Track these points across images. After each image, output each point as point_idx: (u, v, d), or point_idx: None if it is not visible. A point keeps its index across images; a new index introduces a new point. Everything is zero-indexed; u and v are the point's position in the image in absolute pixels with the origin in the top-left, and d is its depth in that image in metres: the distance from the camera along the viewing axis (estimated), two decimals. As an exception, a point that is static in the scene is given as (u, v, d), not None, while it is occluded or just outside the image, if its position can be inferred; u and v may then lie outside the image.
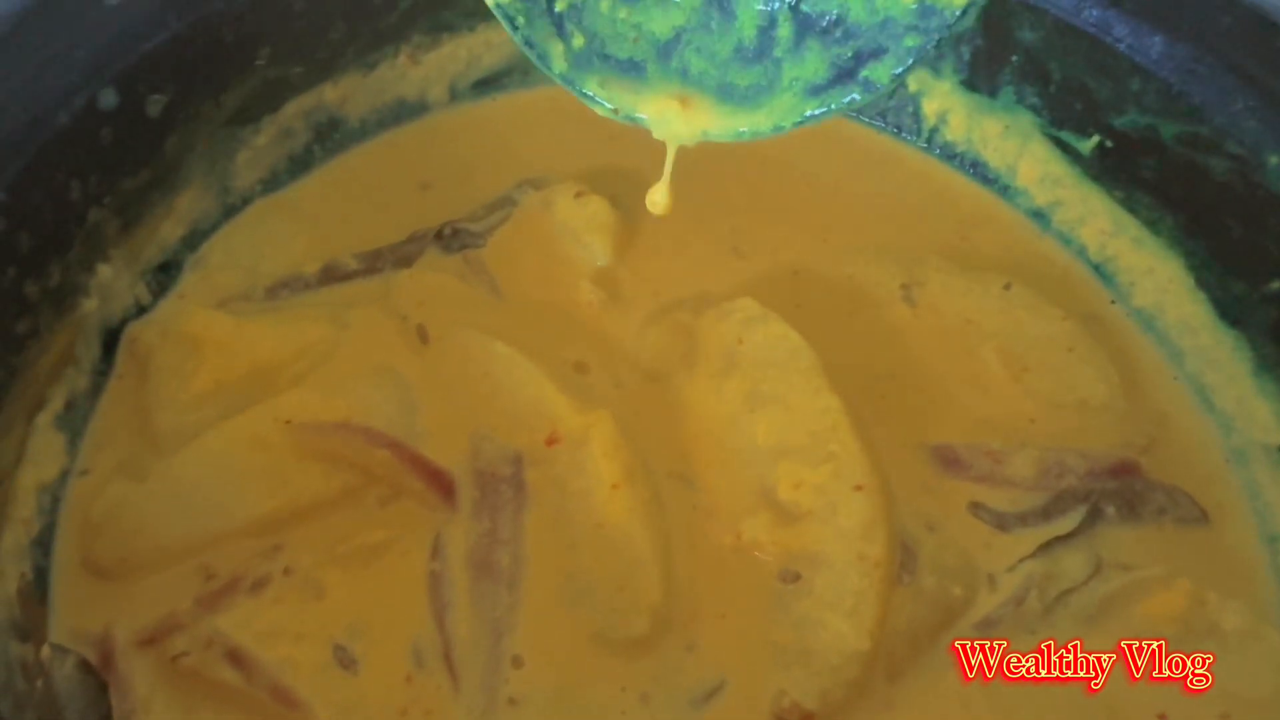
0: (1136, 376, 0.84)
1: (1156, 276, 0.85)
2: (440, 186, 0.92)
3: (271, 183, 0.92)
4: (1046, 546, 0.74)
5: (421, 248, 0.88)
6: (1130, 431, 0.80)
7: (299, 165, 0.93)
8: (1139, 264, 0.86)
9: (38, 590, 0.71)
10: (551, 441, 0.76)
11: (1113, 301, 0.87)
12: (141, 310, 0.84)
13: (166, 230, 0.86)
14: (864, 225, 0.90)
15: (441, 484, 0.75)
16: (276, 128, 0.90)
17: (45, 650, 0.66)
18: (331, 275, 0.86)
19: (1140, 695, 0.70)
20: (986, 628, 0.71)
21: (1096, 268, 0.89)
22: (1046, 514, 0.75)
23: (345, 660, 0.69)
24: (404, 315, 0.83)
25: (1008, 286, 0.84)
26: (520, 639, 0.70)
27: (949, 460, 0.78)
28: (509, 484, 0.76)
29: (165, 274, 0.86)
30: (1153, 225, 0.85)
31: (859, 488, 0.72)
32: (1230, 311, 0.81)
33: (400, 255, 0.87)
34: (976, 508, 0.76)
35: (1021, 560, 0.73)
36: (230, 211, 0.90)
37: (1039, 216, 0.92)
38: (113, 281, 0.81)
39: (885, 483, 0.73)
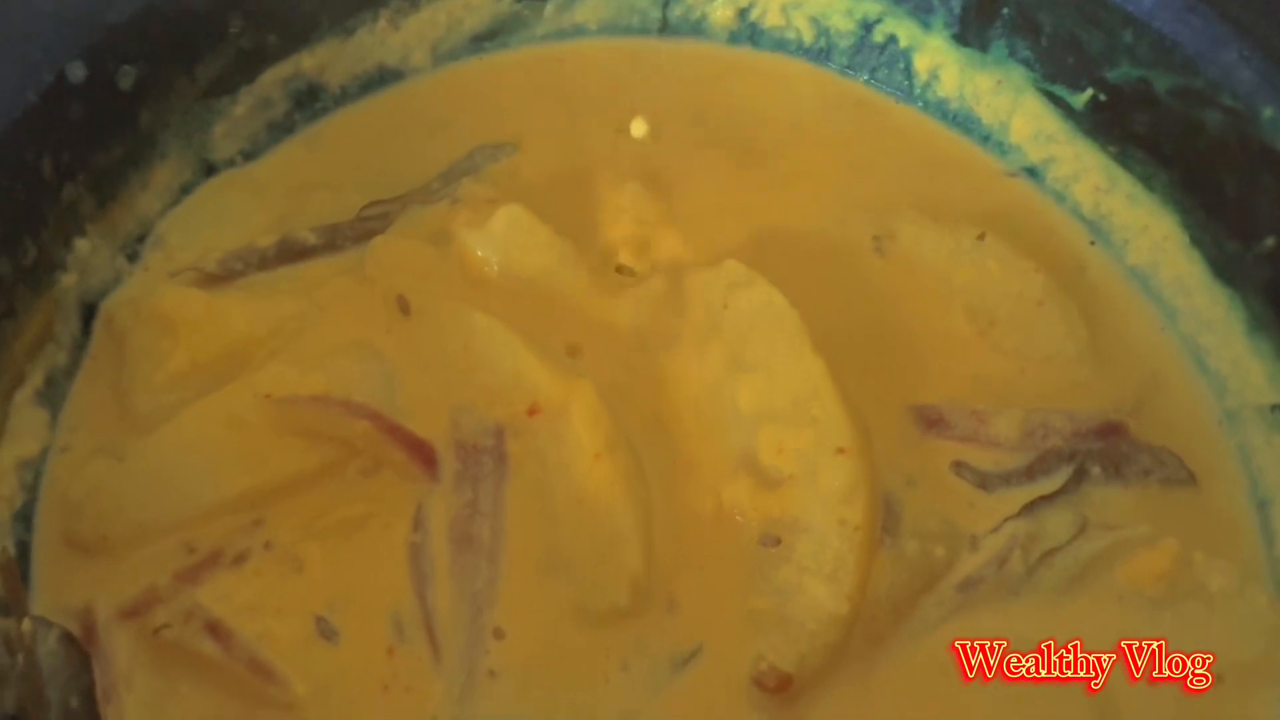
0: (1128, 336, 0.85)
1: (1151, 234, 0.86)
2: (408, 153, 0.93)
3: (252, 152, 0.93)
4: (1030, 506, 0.75)
5: (387, 222, 0.89)
6: (1119, 392, 0.81)
7: (280, 134, 0.94)
8: (1133, 221, 0.87)
9: (20, 565, 0.74)
10: (533, 412, 0.78)
11: (1099, 251, 0.88)
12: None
13: (145, 203, 0.87)
14: (838, 178, 0.91)
15: (423, 455, 0.77)
16: (254, 98, 0.91)
17: (27, 624, 0.69)
18: (289, 249, 0.87)
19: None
20: (968, 588, 0.73)
21: (1090, 225, 0.89)
22: (1030, 474, 0.77)
23: (326, 632, 0.71)
24: (381, 286, 0.84)
25: (981, 238, 0.85)
26: (501, 611, 0.72)
27: (932, 420, 0.79)
28: (490, 455, 0.77)
29: (144, 246, 0.87)
30: (1147, 181, 0.86)
31: (841, 451, 0.73)
32: (1224, 270, 0.82)
33: (361, 230, 0.88)
34: (959, 467, 0.77)
35: (1005, 520, 0.75)
36: (212, 182, 0.92)
37: (1032, 174, 0.92)
38: (91, 256, 0.83)
39: (868, 446, 0.75)
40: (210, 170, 0.91)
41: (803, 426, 0.75)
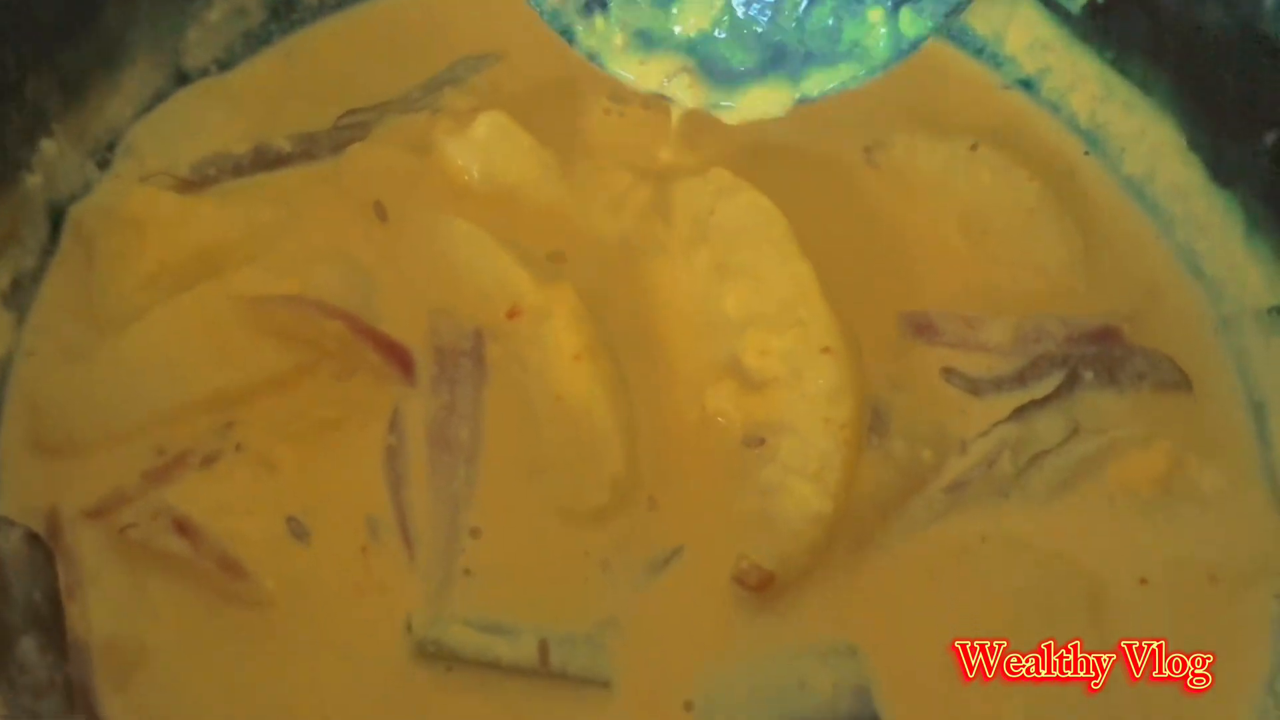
0: (1123, 245, 0.84)
1: (1148, 140, 0.85)
2: (389, 65, 0.91)
3: (227, 62, 0.91)
4: (1021, 410, 0.74)
5: (365, 131, 0.87)
6: (1114, 299, 0.80)
7: (257, 44, 0.92)
8: (1130, 129, 0.86)
9: (-16, 467, 0.72)
10: (513, 315, 0.77)
11: (1095, 161, 0.87)
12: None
13: (115, 108, 0.85)
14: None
15: (399, 358, 0.76)
16: (229, 4, 0.89)
17: (-11, 524, 0.67)
18: (264, 157, 0.85)
19: (1119, 558, 0.71)
20: (956, 491, 0.72)
21: (1086, 136, 0.87)
22: (1022, 379, 0.76)
23: (298, 532, 0.70)
24: (358, 194, 0.83)
25: (974, 148, 0.83)
26: (478, 511, 0.72)
27: (922, 326, 0.78)
28: (468, 358, 0.76)
29: (115, 154, 0.85)
30: (1145, 87, 0.84)
31: (826, 350, 0.73)
32: (1223, 172, 0.81)
33: (338, 139, 0.86)
34: (949, 373, 0.77)
35: (995, 425, 0.74)
36: (186, 90, 0.90)
37: (1027, 85, 0.90)
38: (58, 160, 0.81)
39: (854, 346, 0.74)
40: (184, 79, 0.89)
41: (788, 328, 0.74)
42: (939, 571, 0.70)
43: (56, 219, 0.82)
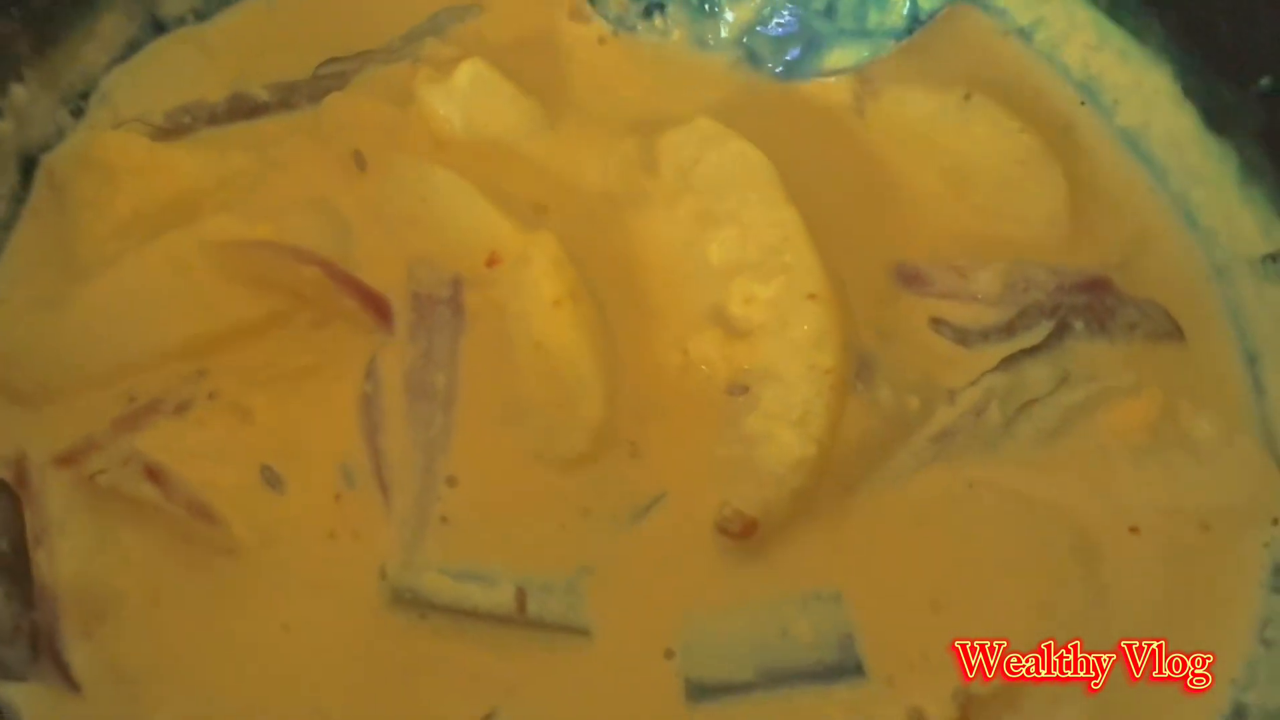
0: (1117, 196, 0.82)
1: (1143, 90, 0.84)
2: (370, 15, 0.89)
3: (205, 12, 0.89)
4: (1011, 360, 0.73)
5: (345, 80, 0.85)
6: (1107, 250, 0.79)
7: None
8: (1124, 79, 0.85)
9: (-48, 414, 0.71)
10: (492, 263, 0.75)
11: (1089, 112, 0.85)
12: (65, 141, 0.82)
13: (89, 55, 0.84)
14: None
15: (376, 306, 0.75)
16: (207, -49, 0.87)
17: (-46, 470, 0.66)
18: (241, 106, 0.84)
19: (1110, 507, 0.70)
20: (944, 440, 0.71)
21: (1080, 87, 0.86)
22: (1011, 329, 0.75)
23: (272, 480, 0.69)
24: (337, 143, 0.81)
25: (967, 97, 0.82)
26: (455, 459, 0.70)
27: (911, 276, 0.77)
28: (447, 306, 0.75)
29: (89, 102, 0.84)
30: (1139, 34, 0.83)
31: (812, 297, 0.71)
32: (1217, 119, 0.80)
33: (318, 89, 0.84)
34: (938, 323, 0.75)
35: (984, 374, 0.72)
36: (163, 39, 0.88)
37: (1022, 35, 0.88)
38: (29, 106, 0.80)
39: (840, 292, 0.73)
40: (160, 27, 0.87)
41: (774, 275, 0.73)
42: (925, 519, 0.69)
43: (28, 167, 0.80)
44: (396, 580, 0.66)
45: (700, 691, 0.65)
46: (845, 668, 0.65)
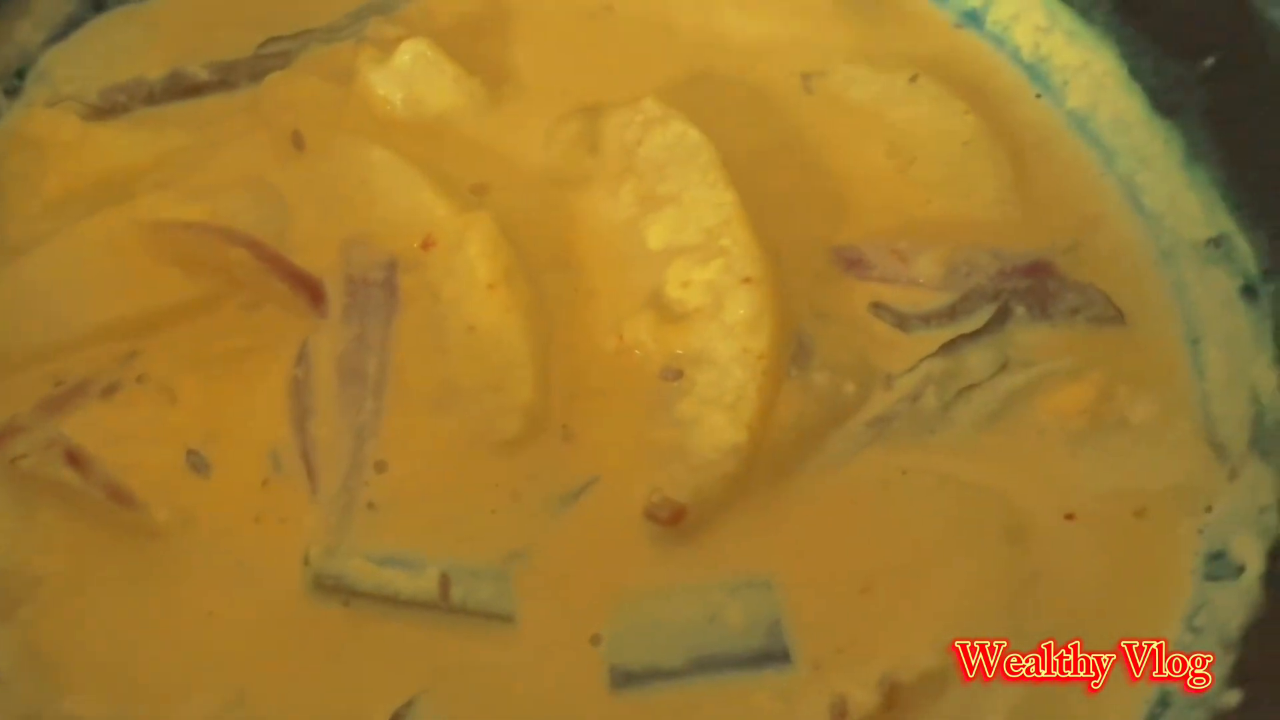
0: (1064, 178, 0.81)
1: (1090, 71, 0.83)
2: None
3: (147, -14, 0.88)
4: (950, 345, 0.72)
5: (287, 60, 0.84)
6: (1053, 232, 0.78)
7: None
8: (1072, 60, 0.84)
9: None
10: (427, 245, 0.74)
11: (1038, 96, 0.84)
12: (1, 121, 0.81)
13: (24, 32, 0.83)
14: (773, 19, 0.86)
15: (309, 288, 0.74)
16: (146, -75, 0.86)
17: None
18: (179, 85, 0.83)
19: (1046, 493, 0.69)
20: (880, 425, 0.70)
21: (1030, 69, 0.85)
22: (952, 314, 0.74)
23: (197, 464, 0.68)
24: (277, 123, 0.80)
25: (914, 79, 0.81)
26: (384, 444, 0.69)
27: (852, 260, 0.76)
28: (380, 289, 0.74)
29: (26, 81, 0.83)
30: (1086, 14, 0.82)
31: (747, 280, 0.71)
32: (1164, 100, 0.79)
33: (259, 68, 0.84)
34: (878, 308, 0.74)
35: (922, 360, 0.72)
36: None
37: (972, 18, 0.87)
38: (-39, 84, 0.78)
39: (776, 275, 0.72)
40: (100, 5, 0.86)
41: (711, 258, 0.72)
42: (858, 504, 0.68)
43: (-41, 147, 0.80)
44: (319, 566, 0.65)
45: (626, 678, 0.64)
46: (773, 654, 0.64)
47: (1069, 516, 0.68)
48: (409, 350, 0.71)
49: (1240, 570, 0.67)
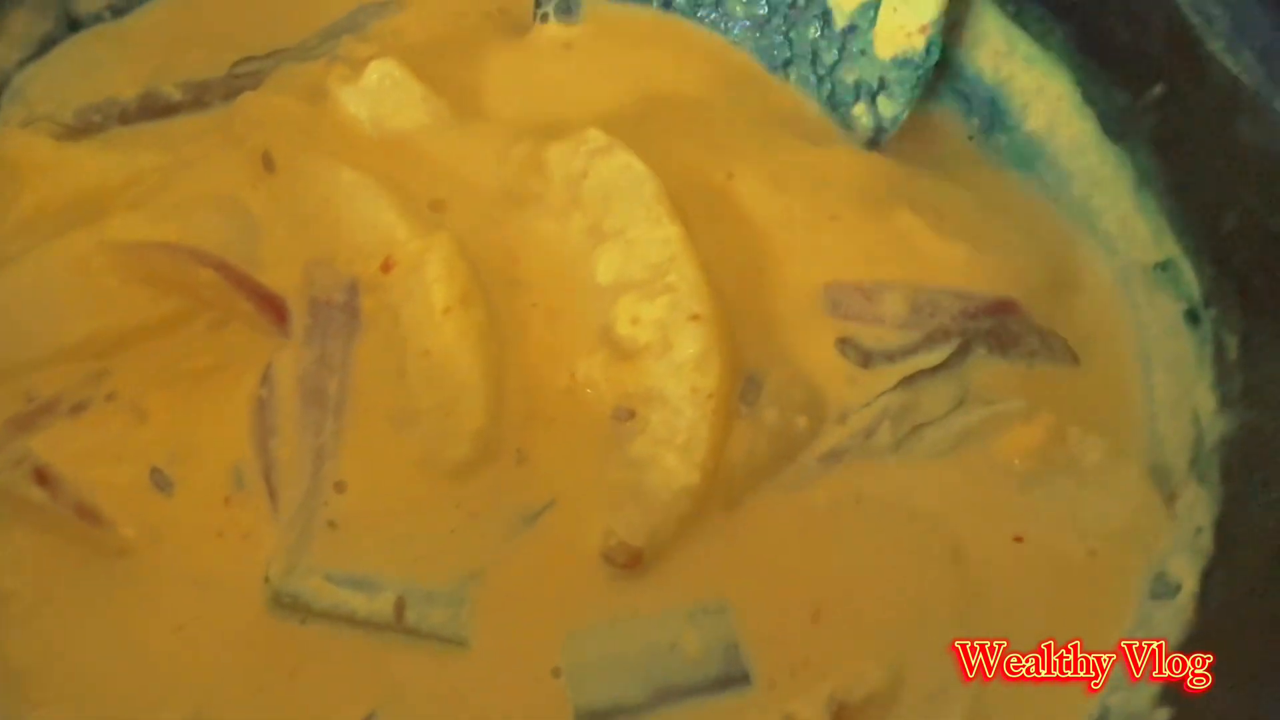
0: (1024, 207, 0.83)
1: (1047, 95, 0.84)
2: (289, 12, 0.89)
3: (123, 9, 0.89)
4: (908, 380, 0.73)
5: (259, 79, 0.85)
6: (1015, 271, 0.78)
7: (150, -10, 0.90)
8: (1030, 85, 0.85)
9: None
10: (387, 267, 0.75)
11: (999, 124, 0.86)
12: (-23, 140, 0.82)
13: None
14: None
15: (274, 308, 0.75)
16: (118, -52, 0.87)
17: None
18: (153, 104, 0.84)
19: (996, 520, 0.70)
20: (832, 459, 0.71)
21: (991, 91, 0.86)
22: (914, 351, 0.74)
23: (161, 483, 0.69)
24: (248, 142, 0.81)
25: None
26: (344, 464, 0.70)
27: (816, 297, 0.76)
28: (342, 311, 0.75)
29: (1, 100, 0.84)
30: (1043, 40, 0.83)
31: (695, 318, 0.71)
32: (1115, 127, 0.80)
33: (232, 87, 0.85)
34: (844, 343, 0.74)
35: (879, 395, 0.72)
36: (76, 39, 0.88)
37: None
38: (-64, 104, 0.80)
39: (722, 311, 0.72)
40: (75, 25, 0.88)
41: (658, 294, 0.72)
42: (809, 530, 0.69)
43: (-64, 166, 0.81)
44: (278, 584, 0.66)
45: (591, 717, 0.64)
46: (733, 677, 0.65)
47: (1018, 539, 0.69)
48: (369, 372, 0.72)
49: (1178, 589, 0.69)
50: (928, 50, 0.81)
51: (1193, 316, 0.75)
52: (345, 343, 0.73)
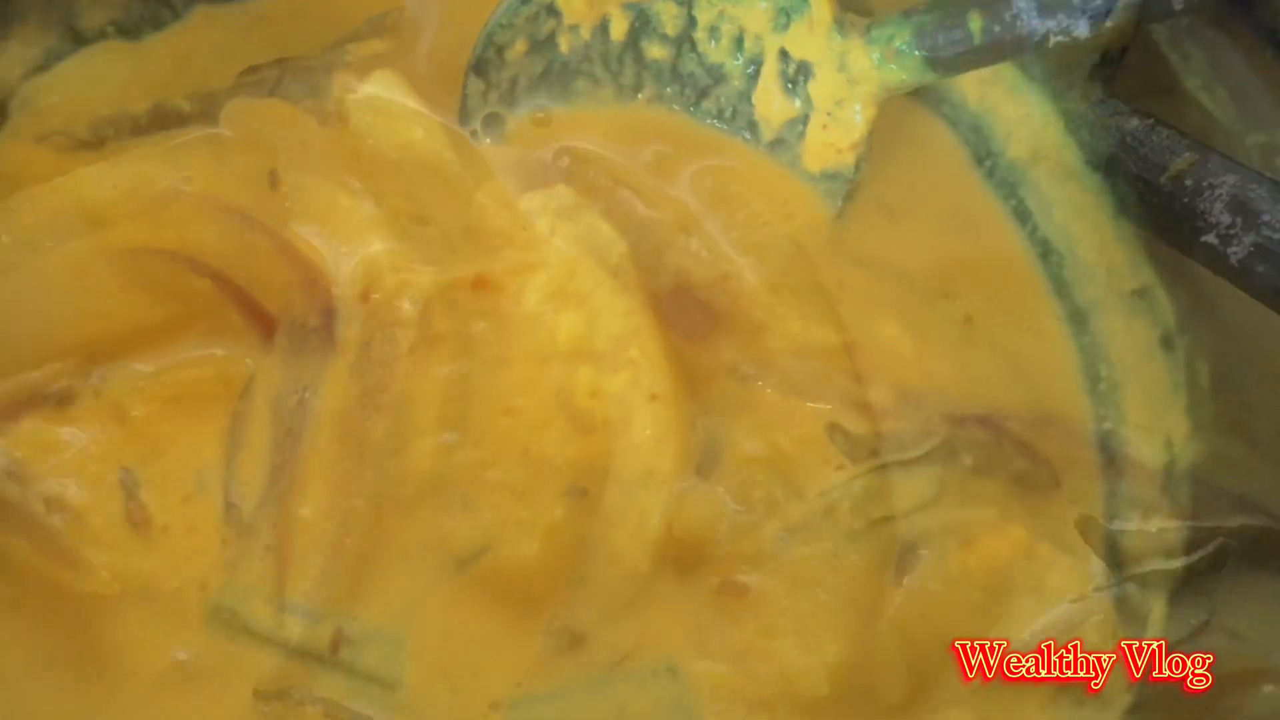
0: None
1: (1030, 123, 0.82)
2: (299, 26, 0.90)
3: (126, 26, 0.90)
4: (881, 468, 0.71)
5: (265, 89, 0.86)
6: (1003, 388, 0.77)
7: (157, 6, 0.91)
8: (1014, 113, 0.83)
9: None
10: (365, 297, 0.76)
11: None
12: (-21, 154, 0.84)
13: (3, 65, 0.85)
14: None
15: (263, 324, 0.76)
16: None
17: None
18: (163, 115, 0.85)
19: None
20: (788, 535, 0.70)
21: (975, 117, 0.85)
22: (895, 440, 0.72)
23: (128, 480, 0.70)
24: (252, 153, 0.82)
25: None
26: (298, 488, 0.71)
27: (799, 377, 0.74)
28: (318, 335, 0.76)
29: (10, 109, 0.86)
30: (1024, 67, 0.81)
31: (654, 398, 0.70)
32: (1095, 157, 0.78)
33: (238, 97, 0.85)
34: (833, 430, 0.72)
35: (851, 480, 0.71)
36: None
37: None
38: (-66, 116, 0.81)
39: (681, 391, 0.71)
40: (80, 40, 0.89)
41: (619, 369, 0.72)
42: (763, 601, 0.68)
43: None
44: (216, 598, 0.67)
45: None
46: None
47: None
48: (335, 400, 0.73)
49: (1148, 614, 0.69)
50: (857, 166, 0.78)
51: (1167, 342, 0.75)
52: (317, 367, 0.74)
